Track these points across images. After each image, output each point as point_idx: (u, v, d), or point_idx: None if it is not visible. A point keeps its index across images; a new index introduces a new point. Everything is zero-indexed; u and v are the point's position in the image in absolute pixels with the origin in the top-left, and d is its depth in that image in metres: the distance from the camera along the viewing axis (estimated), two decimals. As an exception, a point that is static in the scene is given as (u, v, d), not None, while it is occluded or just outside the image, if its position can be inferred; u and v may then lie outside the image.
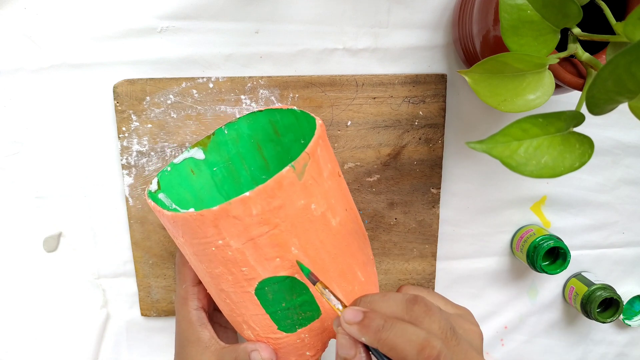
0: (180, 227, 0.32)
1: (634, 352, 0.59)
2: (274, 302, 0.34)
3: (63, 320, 0.48)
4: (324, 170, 0.33)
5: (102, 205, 0.46)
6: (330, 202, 0.33)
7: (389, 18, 0.44)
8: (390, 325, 0.29)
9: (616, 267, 0.55)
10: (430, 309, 0.31)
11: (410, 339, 0.29)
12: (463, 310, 0.37)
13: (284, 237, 0.31)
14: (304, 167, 0.31)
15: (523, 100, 0.31)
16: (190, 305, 0.38)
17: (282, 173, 0.30)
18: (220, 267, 0.33)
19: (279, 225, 0.31)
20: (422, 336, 0.29)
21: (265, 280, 0.33)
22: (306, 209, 0.32)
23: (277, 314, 0.34)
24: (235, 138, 0.42)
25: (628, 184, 0.53)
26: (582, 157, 0.28)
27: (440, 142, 0.47)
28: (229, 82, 0.43)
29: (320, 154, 0.33)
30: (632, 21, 0.27)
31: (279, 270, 0.32)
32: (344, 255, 0.35)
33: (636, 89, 0.24)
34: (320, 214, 0.33)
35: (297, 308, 0.34)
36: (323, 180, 0.33)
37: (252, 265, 0.32)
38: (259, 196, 0.30)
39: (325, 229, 0.33)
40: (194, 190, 0.42)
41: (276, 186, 0.30)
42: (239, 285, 0.33)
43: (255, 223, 0.30)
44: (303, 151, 0.32)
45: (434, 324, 0.30)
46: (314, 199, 0.32)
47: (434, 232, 0.49)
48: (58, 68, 0.42)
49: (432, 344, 0.28)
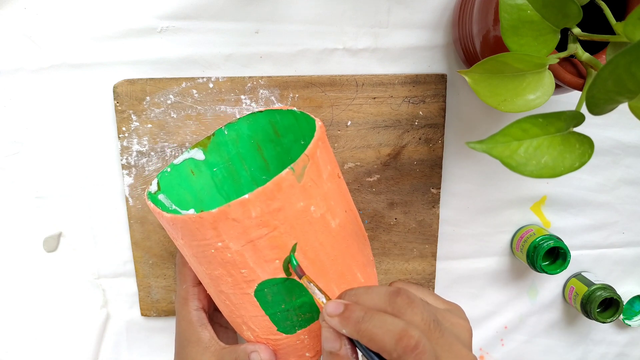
0: (179, 229, 0.32)
1: (634, 352, 0.59)
2: (273, 304, 0.34)
3: (63, 320, 0.48)
4: (323, 172, 0.33)
5: (102, 205, 0.46)
6: (329, 203, 0.33)
7: (389, 18, 0.44)
8: (369, 316, 0.30)
9: (616, 267, 0.55)
10: (413, 300, 0.31)
11: (388, 329, 0.29)
12: (453, 306, 0.37)
13: (283, 239, 0.31)
14: (304, 169, 0.31)
15: (523, 100, 0.31)
16: (191, 306, 0.38)
17: (281, 175, 0.30)
18: (219, 268, 0.33)
19: (278, 228, 0.31)
20: (400, 326, 0.29)
21: (264, 282, 0.33)
22: (305, 211, 0.32)
23: (276, 316, 0.34)
24: (235, 139, 0.42)
25: (628, 184, 0.53)
26: (582, 157, 0.28)
27: (440, 142, 0.47)
28: (229, 82, 0.43)
29: (320, 156, 0.33)
30: (632, 21, 0.27)
31: (278, 272, 0.32)
32: (344, 257, 0.35)
33: (636, 89, 0.24)
34: (320, 216, 0.33)
35: (296, 310, 0.34)
36: (322, 182, 0.33)
37: (251, 267, 0.32)
38: (258, 198, 0.30)
39: (324, 230, 0.33)
40: (194, 191, 0.42)
41: (275, 188, 0.30)
42: (239, 287, 0.33)
43: (255, 225, 0.30)
44: (303, 152, 0.31)
45: (416, 315, 0.30)
46: (314, 201, 0.32)
47: (434, 232, 0.49)
48: (58, 68, 0.42)
49: (409, 333, 0.28)
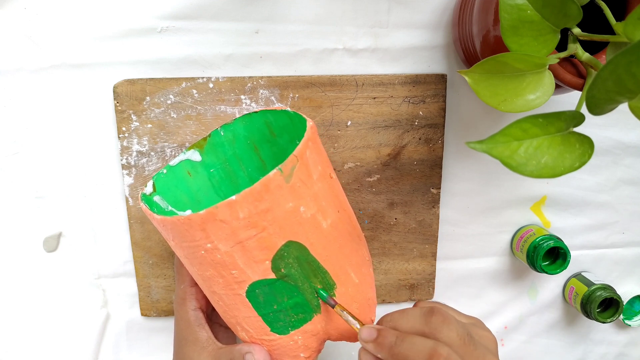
0: (169, 231, 0.32)
1: (634, 352, 0.59)
2: (265, 305, 0.34)
3: (63, 320, 0.48)
4: (313, 172, 0.33)
5: (102, 205, 0.46)
6: (320, 204, 0.33)
7: (389, 18, 0.44)
8: (401, 340, 0.32)
9: (616, 267, 0.55)
10: (447, 318, 0.33)
11: (419, 349, 0.31)
12: (475, 320, 0.39)
13: (272, 240, 0.31)
14: (292, 170, 0.31)
15: (523, 100, 0.31)
16: (189, 306, 0.39)
17: (269, 176, 0.30)
18: (210, 269, 0.33)
19: (267, 229, 0.31)
20: (429, 345, 0.31)
21: (255, 283, 0.33)
22: (295, 211, 0.32)
23: (269, 316, 0.34)
24: (232, 139, 0.42)
25: (628, 184, 0.53)
26: (582, 157, 0.28)
27: (440, 142, 0.47)
28: (229, 82, 0.43)
29: (310, 156, 0.32)
30: (632, 21, 0.27)
31: (268, 273, 0.32)
32: (336, 257, 0.35)
33: (636, 89, 0.24)
34: (310, 216, 0.32)
35: (289, 310, 0.34)
36: (313, 183, 0.33)
37: (241, 268, 0.32)
38: (246, 200, 0.30)
39: (315, 231, 0.33)
40: (190, 192, 0.42)
41: (263, 189, 0.30)
42: (230, 287, 0.33)
43: (243, 226, 0.30)
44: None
45: (451, 332, 0.32)
46: (303, 202, 0.32)
47: (434, 232, 0.49)
48: (58, 68, 0.42)
49: (438, 351, 0.31)
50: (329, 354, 0.53)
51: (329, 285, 0.35)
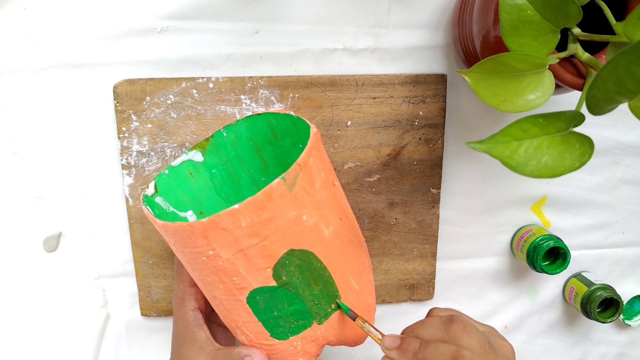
0: (171, 236, 0.32)
1: (634, 352, 0.59)
2: (265, 311, 0.34)
3: (63, 320, 0.48)
4: (316, 180, 0.33)
5: (102, 205, 0.46)
6: (323, 212, 0.33)
7: (389, 18, 0.44)
8: (424, 346, 0.33)
9: (616, 267, 0.55)
10: (467, 326, 0.34)
11: (442, 353, 0.32)
12: (490, 329, 0.39)
13: (274, 249, 0.31)
14: (295, 179, 0.31)
15: (523, 100, 0.31)
16: (187, 306, 0.39)
17: (271, 185, 0.30)
18: (211, 275, 0.33)
19: (269, 237, 0.31)
20: (453, 349, 0.32)
21: (256, 290, 0.33)
22: (297, 220, 0.31)
23: (269, 322, 0.34)
24: (234, 140, 0.42)
25: (628, 184, 0.53)
26: (582, 157, 0.28)
27: (440, 142, 0.47)
28: (229, 82, 0.43)
29: (313, 164, 0.32)
30: (632, 21, 0.27)
31: (269, 281, 0.32)
32: (337, 265, 0.35)
33: (636, 89, 0.24)
34: (313, 225, 0.32)
35: (288, 317, 0.34)
36: (315, 191, 0.32)
37: (242, 275, 0.32)
38: (248, 209, 0.29)
39: (317, 239, 0.33)
40: (192, 193, 0.42)
41: (265, 198, 0.30)
42: (231, 293, 0.33)
43: (245, 235, 0.30)
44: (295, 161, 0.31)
45: (472, 339, 0.33)
46: (306, 210, 0.32)
47: (434, 232, 0.49)
48: (58, 68, 0.42)
49: (462, 353, 0.32)
50: (329, 354, 0.53)
51: (331, 292, 0.35)
